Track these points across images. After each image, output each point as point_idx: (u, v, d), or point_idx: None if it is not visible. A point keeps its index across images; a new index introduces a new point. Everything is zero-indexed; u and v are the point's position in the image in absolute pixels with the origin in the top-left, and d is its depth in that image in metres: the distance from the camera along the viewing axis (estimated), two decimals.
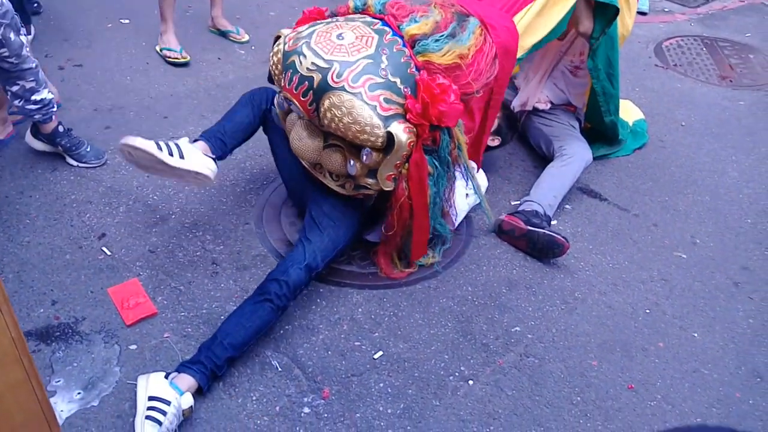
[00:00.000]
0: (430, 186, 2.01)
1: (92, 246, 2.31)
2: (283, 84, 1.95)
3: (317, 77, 1.85)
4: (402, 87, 1.89)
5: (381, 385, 1.94)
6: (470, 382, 1.98)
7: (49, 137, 2.62)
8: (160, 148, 2.01)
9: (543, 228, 2.41)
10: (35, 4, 3.84)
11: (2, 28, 2.16)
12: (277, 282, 1.92)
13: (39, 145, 2.68)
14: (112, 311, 2.07)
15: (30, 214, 2.41)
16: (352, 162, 1.96)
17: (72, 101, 3.10)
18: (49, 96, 2.49)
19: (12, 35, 2.21)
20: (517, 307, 2.25)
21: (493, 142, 2.72)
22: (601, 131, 3.04)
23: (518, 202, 2.67)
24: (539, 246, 2.40)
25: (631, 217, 2.74)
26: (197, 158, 2.08)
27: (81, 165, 2.67)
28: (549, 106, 2.99)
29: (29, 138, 2.68)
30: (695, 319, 2.28)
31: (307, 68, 1.87)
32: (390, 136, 1.85)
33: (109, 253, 2.29)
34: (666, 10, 5.04)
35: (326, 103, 1.84)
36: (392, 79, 1.87)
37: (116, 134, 2.88)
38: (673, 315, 2.29)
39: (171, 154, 2.03)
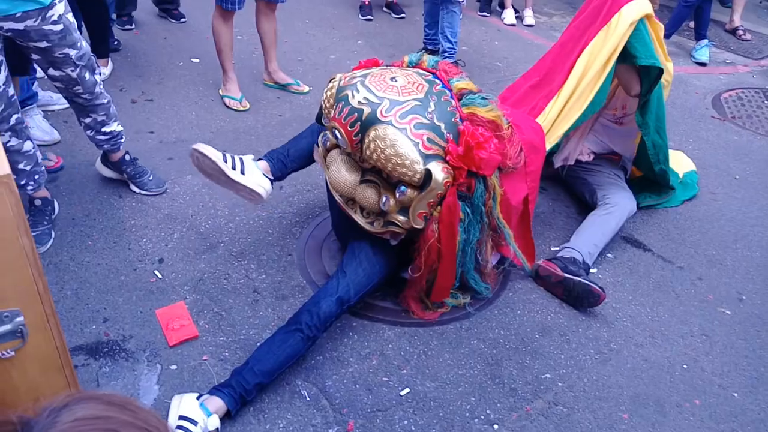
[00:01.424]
0: (460, 232, 2.06)
1: (146, 269, 2.45)
2: (332, 114, 2.05)
3: (367, 110, 1.96)
4: (445, 132, 1.97)
5: (405, 422, 1.97)
6: (495, 426, 1.98)
7: (116, 165, 2.82)
8: (225, 160, 2.23)
9: (580, 276, 2.41)
10: (115, 42, 4.14)
11: (78, 69, 2.36)
12: (309, 312, 2.00)
13: (107, 172, 2.88)
14: (158, 332, 2.19)
15: (93, 236, 2.58)
16: (386, 197, 2.04)
17: (140, 133, 3.31)
18: (119, 128, 2.69)
19: (87, 75, 2.41)
20: (549, 354, 2.25)
21: None
22: (650, 179, 3.03)
23: (558, 249, 2.68)
24: (575, 294, 2.40)
25: (675, 269, 2.70)
26: (255, 176, 2.28)
27: (143, 192, 2.84)
28: (592, 157, 3.00)
29: (99, 165, 2.88)
30: (736, 379, 2.22)
31: (359, 101, 1.98)
32: (428, 174, 1.93)
33: (160, 276, 2.42)
34: (727, 61, 4.98)
35: (372, 134, 1.94)
36: (437, 123, 1.96)
37: (178, 165, 3.07)
38: (712, 372, 2.24)
39: (233, 168, 2.24)
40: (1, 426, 0.60)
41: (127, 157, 2.82)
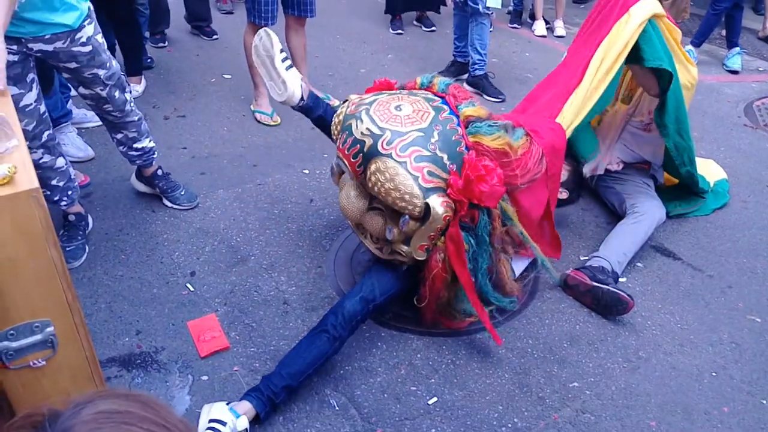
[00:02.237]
0: (467, 261, 2.06)
1: (178, 282, 2.51)
2: (338, 144, 2.10)
3: (369, 142, 1.98)
4: (448, 163, 1.97)
5: (433, 430, 1.98)
6: None
7: (149, 179, 2.89)
8: (281, 51, 2.42)
9: (608, 284, 2.40)
10: (149, 59, 4.25)
11: (108, 88, 2.42)
12: (334, 314, 2.04)
13: (141, 187, 2.96)
14: (189, 343, 2.24)
15: (126, 251, 2.65)
16: (390, 227, 2.06)
17: (173, 149, 3.39)
18: (150, 144, 2.76)
19: (117, 93, 2.48)
20: (577, 363, 2.24)
21: (561, 194, 2.74)
22: (680, 187, 3.02)
23: (587, 258, 2.67)
24: (603, 302, 2.39)
25: (705, 277, 2.67)
26: (294, 78, 2.42)
27: (175, 207, 2.91)
28: (621, 166, 2.98)
29: (133, 180, 2.97)
30: (765, 386, 2.19)
31: (362, 132, 2.00)
32: (427, 207, 1.94)
33: (192, 289, 2.48)
34: (760, 69, 4.91)
35: (372, 167, 1.96)
36: (440, 155, 1.96)
37: (210, 180, 3.14)
38: (741, 380, 2.21)
39: (283, 61, 2.40)
40: (32, 416, 0.64)
41: (160, 172, 2.89)
